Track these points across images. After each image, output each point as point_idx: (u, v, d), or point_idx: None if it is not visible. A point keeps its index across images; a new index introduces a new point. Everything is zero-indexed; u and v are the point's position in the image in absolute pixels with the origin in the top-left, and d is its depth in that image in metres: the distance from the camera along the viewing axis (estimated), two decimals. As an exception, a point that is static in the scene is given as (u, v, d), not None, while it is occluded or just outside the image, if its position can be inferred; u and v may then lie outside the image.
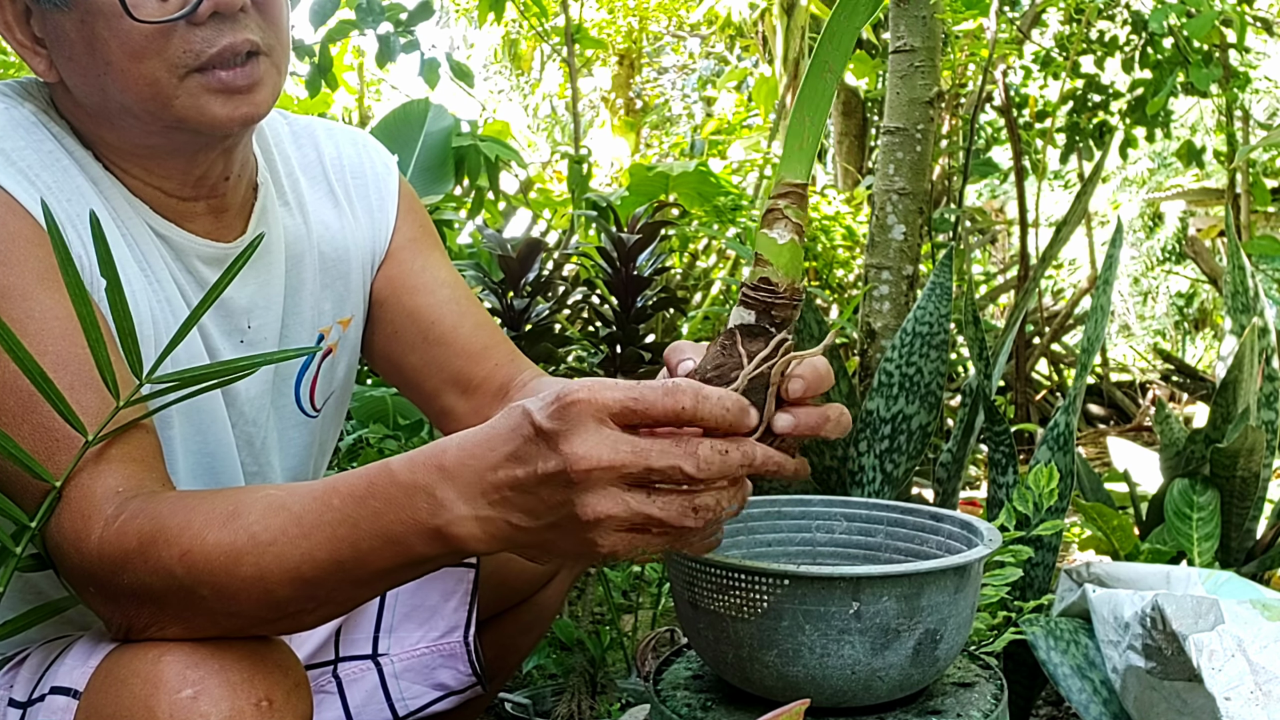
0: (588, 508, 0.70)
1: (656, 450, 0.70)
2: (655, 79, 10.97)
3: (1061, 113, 4.75)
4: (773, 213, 0.78)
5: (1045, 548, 1.54)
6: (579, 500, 0.70)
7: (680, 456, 0.70)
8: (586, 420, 0.69)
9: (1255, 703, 1.13)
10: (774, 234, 0.78)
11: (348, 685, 1.17)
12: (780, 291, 0.77)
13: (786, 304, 0.77)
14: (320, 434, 1.21)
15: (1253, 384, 1.78)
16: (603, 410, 0.70)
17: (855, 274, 4.25)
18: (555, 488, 0.70)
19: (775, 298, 0.77)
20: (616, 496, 0.70)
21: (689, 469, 0.70)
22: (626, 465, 0.69)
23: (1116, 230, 1.80)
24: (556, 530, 0.72)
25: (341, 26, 3.29)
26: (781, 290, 0.77)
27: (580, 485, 0.69)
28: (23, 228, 0.90)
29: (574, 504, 0.70)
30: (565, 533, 0.72)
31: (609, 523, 0.70)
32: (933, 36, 2.31)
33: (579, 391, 0.70)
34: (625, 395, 0.70)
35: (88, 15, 0.90)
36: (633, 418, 0.70)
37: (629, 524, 0.70)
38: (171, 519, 0.79)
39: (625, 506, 0.70)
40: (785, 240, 0.77)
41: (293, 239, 1.13)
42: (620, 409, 0.70)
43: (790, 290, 0.77)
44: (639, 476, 0.70)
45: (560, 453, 0.69)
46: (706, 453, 0.70)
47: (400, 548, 0.76)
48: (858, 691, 0.88)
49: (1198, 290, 8.96)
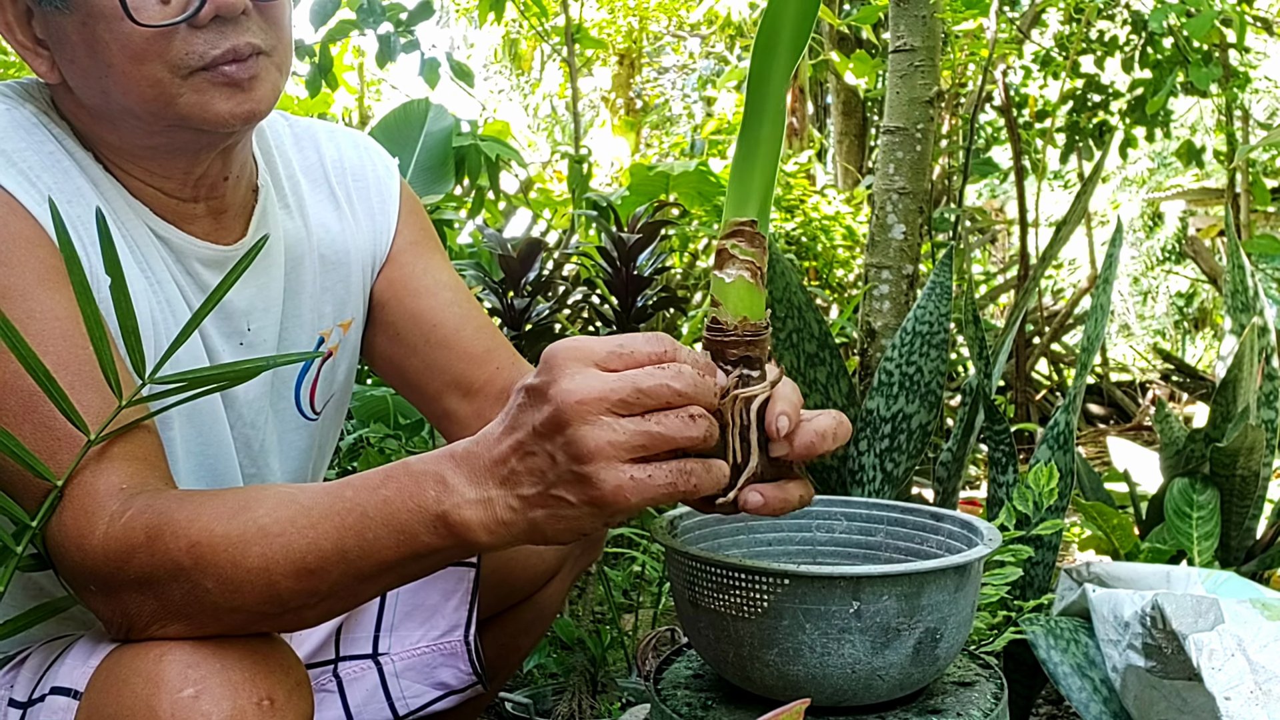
0: (587, 440, 0.70)
1: (643, 372, 0.72)
2: (655, 79, 10.98)
3: (1061, 112, 4.76)
4: (721, 254, 0.81)
5: (1045, 547, 1.54)
6: (576, 437, 0.70)
7: (665, 375, 0.72)
8: (572, 365, 0.72)
9: (1255, 702, 1.13)
10: (722, 274, 0.80)
11: (348, 684, 1.17)
12: (729, 330, 0.79)
13: (738, 341, 0.79)
14: (320, 436, 1.21)
15: (1252, 383, 1.78)
16: (588, 357, 0.72)
17: (855, 273, 4.25)
18: (553, 434, 0.71)
19: (725, 337, 0.79)
20: (612, 424, 0.70)
21: (677, 385, 0.72)
22: (615, 390, 0.71)
23: (1116, 230, 1.80)
24: (561, 484, 0.72)
25: (342, 26, 3.29)
26: (730, 329, 0.79)
27: (575, 421, 0.70)
28: (24, 228, 0.90)
29: (572, 444, 0.70)
30: (569, 483, 0.72)
31: (608, 451, 0.70)
32: (933, 36, 2.31)
33: (564, 348, 0.73)
34: (610, 343, 0.73)
35: (89, 18, 0.90)
36: (618, 363, 0.72)
37: (629, 449, 0.71)
38: (180, 512, 0.79)
39: (624, 429, 0.70)
40: (733, 279, 0.80)
41: (293, 241, 1.13)
42: (605, 355, 0.72)
43: (741, 328, 0.79)
44: (630, 402, 0.71)
45: (551, 399, 0.71)
46: (689, 371, 0.73)
47: (406, 537, 0.76)
48: (858, 690, 0.88)
49: (1198, 290, 8.96)
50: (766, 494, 0.78)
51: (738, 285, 0.80)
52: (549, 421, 0.71)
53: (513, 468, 0.73)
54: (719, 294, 0.80)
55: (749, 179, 0.81)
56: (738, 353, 0.79)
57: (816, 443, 0.78)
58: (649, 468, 0.71)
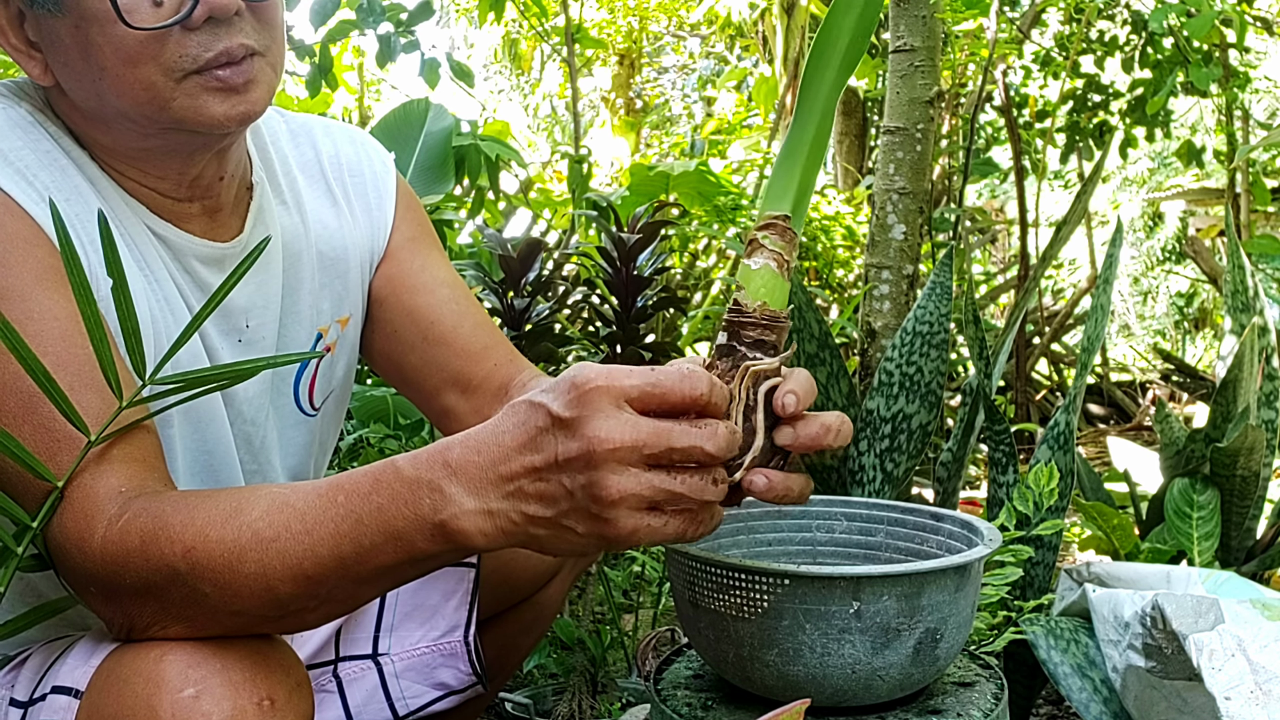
0: (611, 487, 0.70)
1: (678, 430, 0.72)
2: (655, 79, 10.98)
3: (1061, 113, 4.75)
4: (752, 243, 0.84)
5: (1045, 547, 1.54)
6: (601, 481, 0.70)
7: (700, 437, 0.72)
8: (605, 404, 0.71)
9: (1255, 702, 1.13)
10: (750, 261, 0.83)
11: (348, 685, 1.17)
12: (747, 312, 0.81)
13: (755, 324, 0.81)
14: (320, 433, 1.21)
15: (1253, 383, 1.78)
16: (621, 395, 0.71)
17: (855, 274, 4.25)
18: (576, 471, 0.71)
19: (743, 318, 0.81)
20: (638, 475, 0.71)
21: (709, 448, 0.72)
22: (649, 445, 0.71)
23: (1116, 230, 1.80)
24: (573, 515, 0.72)
25: (342, 26, 3.29)
26: (748, 311, 0.81)
27: (603, 466, 0.70)
28: (20, 228, 0.90)
29: (595, 485, 0.70)
30: (582, 517, 0.72)
31: (630, 501, 0.71)
32: (933, 36, 2.31)
33: (596, 379, 0.71)
34: (643, 381, 0.72)
35: (82, 21, 0.90)
36: (651, 402, 0.72)
37: (649, 502, 0.71)
38: (175, 516, 0.79)
39: (649, 484, 0.71)
40: (759, 266, 0.82)
41: (290, 238, 1.13)
42: (639, 394, 0.72)
43: (760, 312, 0.81)
44: (660, 456, 0.71)
45: (583, 436, 0.70)
46: (724, 433, 0.73)
47: (403, 544, 0.76)
48: (858, 691, 0.88)
49: (1198, 290, 8.96)
50: (772, 478, 0.78)
51: (763, 273, 0.82)
52: (577, 459, 0.71)
53: (521, 486, 0.73)
54: (744, 279, 0.83)
55: (789, 177, 0.84)
56: (753, 335, 0.81)
57: (821, 435, 0.79)
58: (664, 516, 0.73)
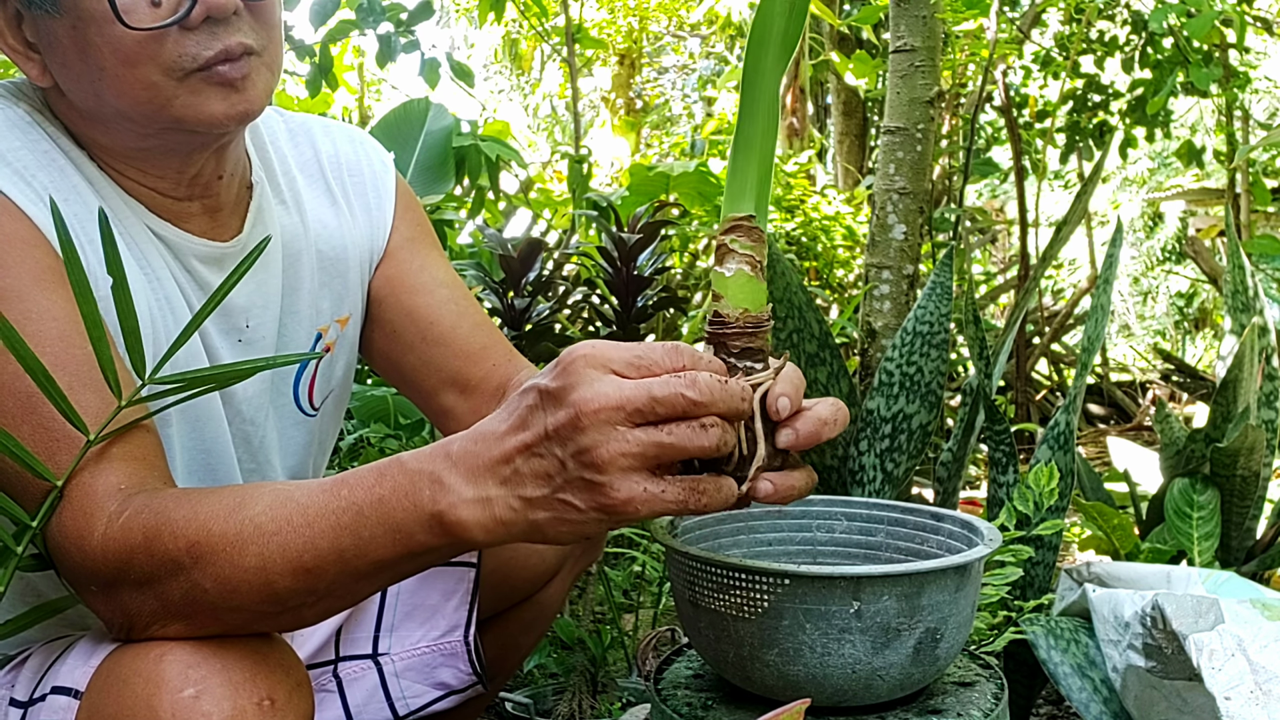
0: (600, 449, 0.70)
1: (658, 381, 0.71)
2: (655, 79, 10.98)
3: (1061, 113, 4.76)
4: (720, 249, 0.82)
5: (1045, 547, 1.54)
6: (591, 444, 0.70)
7: (680, 384, 0.71)
8: (591, 371, 0.71)
9: (1255, 702, 1.13)
10: (722, 269, 0.82)
11: (348, 685, 1.17)
12: (730, 323, 0.80)
13: (740, 333, 0.80)
14: (319, 432, 1.21)
15: (1253, 383, 1.78)
16: (606, 364, 0.72)
17: (855, 274, 4.25)
18: (566, 438, 0.71)
19: (727, 329, 0.80)
20: (626, 433, 0.71)
21: (691, 395, 0.71)
22: (632, 400, 0.70)
23: (1116, 230, 1.80)
24: (569, 488, 0.72)
25: (342, 26, 3.29)
26: (732, 321, 0.80)
27: (591, 429, 0.70)
28: (19, 229, 0.90)
29: (586, 451, 0.70)
30: (578, 488, 0.72)
31: (621, 461, 0.70)
32: (933, 36, 2.31)
33: (582, 350, 0.72)
34: (629, 353, 0.73)
35: (79, 21, 0.90)
36: (634, 372, 0.72)
37: (642, 458, 0.71)
38: (177, 512, 0.79)
39: (637, 440, 0.70)
40: (733, 273, 0.81)
41: (290, 237, 1.13)
42: (624, 365, 0.72)
43: (742, 320, 0.80)
44: (645, 411, 0.71)
45: (569, 403, 0.71)
46: (705, 379, 0.72)
47: (401, 535, 0.76)
48: (858, 691, 0.88)
49: (1198, 290, 8.96)
50: (776, 481, 0.78)
51: (738, 278, 0.81)
52: (564, 426, 0.71)
53: (516, 468, 0.73)
54: (720, 288, 0.81)
55: (745, 175, 0.82)
56: (740, 344, 0.80)
57: (819, 429, 0.78)
58: (662, 482, 0.72)
